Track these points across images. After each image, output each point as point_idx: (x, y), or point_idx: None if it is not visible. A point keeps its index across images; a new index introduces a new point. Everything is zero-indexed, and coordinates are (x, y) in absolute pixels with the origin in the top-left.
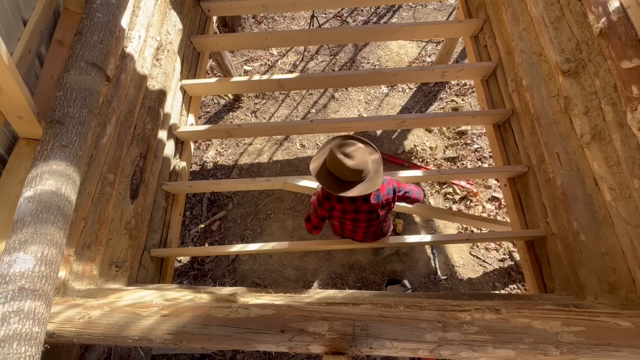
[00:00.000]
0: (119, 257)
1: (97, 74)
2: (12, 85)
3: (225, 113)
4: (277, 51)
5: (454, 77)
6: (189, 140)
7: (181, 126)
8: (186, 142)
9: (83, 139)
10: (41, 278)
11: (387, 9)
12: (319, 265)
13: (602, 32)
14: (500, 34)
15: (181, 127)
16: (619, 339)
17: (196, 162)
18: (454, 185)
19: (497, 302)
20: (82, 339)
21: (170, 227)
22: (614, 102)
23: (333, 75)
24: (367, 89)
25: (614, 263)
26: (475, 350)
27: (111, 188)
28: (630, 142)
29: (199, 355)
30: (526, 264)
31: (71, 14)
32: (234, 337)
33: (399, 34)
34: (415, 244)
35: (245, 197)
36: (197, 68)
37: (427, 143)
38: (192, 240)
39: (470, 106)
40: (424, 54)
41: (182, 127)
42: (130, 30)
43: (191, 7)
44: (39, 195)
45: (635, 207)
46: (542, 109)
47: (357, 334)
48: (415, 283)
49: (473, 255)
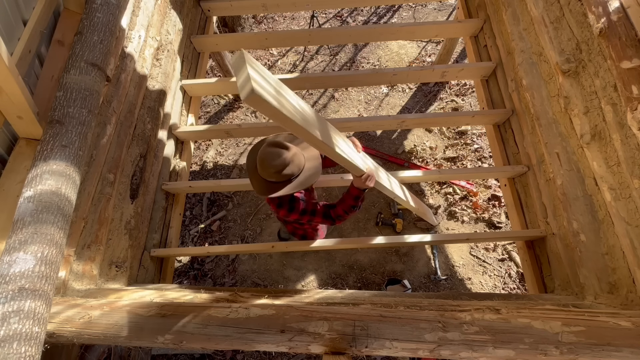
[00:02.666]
0: (119, 257)
1: (97, 74)
2: (12, 85)
3: (225, 113)
4: (277, 51)
5: (454, 77)
6: (189, 140)
7: (181, 126)
8: (186, 142)
9: (83, 139)
10: (41, 278)
11: (387, 9)
12: (319, 265)
13: (602, 32)
14: (500, 34)
15: (181, 127)
16: (619, 339)
17: (196, 162)
18: (454, 185)
19: (497, 302)
20: (82, 339)
21: (170, 227)
22: (614, 102)
23: (333, 75)
24: (367, 89)
25: (614, 263)
26: (475, 350)
27: (111, 188)
28: (630, 142)
29: (199, 355)
30: (526, 264)
31: (71, 14)
32: (234, 337)
33: (399, 34)
34: (415, 244)
35: (245, 197)
36: (197, 68)
37: (427, 143)
38: (192, 240)
39: (470, 106)
40: (424, 54)
41: (182, 127)
42: (130, 30)
43: (191, 7)
44: (39, 195)
45: (635, 207)
46: (542, 109)
47: (357, 334)
48: (415, 283)
49: (473, 255)
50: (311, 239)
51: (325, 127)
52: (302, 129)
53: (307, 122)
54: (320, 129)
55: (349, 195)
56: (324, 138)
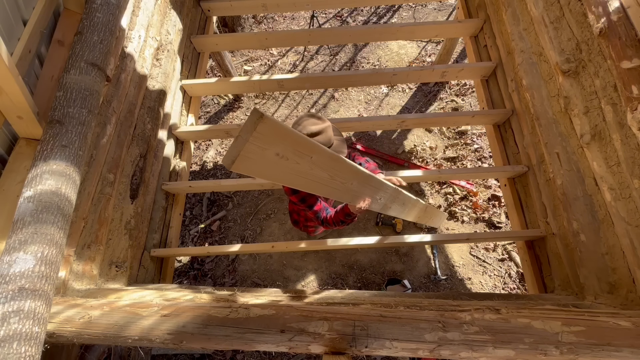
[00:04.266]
0: (119, 257)
1: (97, 74)
2: (12, 85)
3: (225, 113)
4: (277, 51)
5: (454, 77)
6: (189, 140)
7: (181, 126)
8: (186, 142)
9: (83, 139)
10: (41, 278)
11: (387, 9)
12: (319, 265)
13: (602, 32)
14: (500, 34)
15: (181, 127)
16: (619, 339)
17: (196, 162)
18: (454, 185)
19: (497, 302)
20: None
21: (170, 227)
22: (614, 102)
23: (333, 75)
24: (367, 89)
25: (614, 263)
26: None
27: (111, 188)
28: (630, 142)
29: (199, 355)
30: (526, 264)
31: (71, 14)
32: (234, 337)
33: (399, 34)
34: (415, 244)
35: (245, 197)
36: (197, 68)
37: (427, 143)
38: (192, 240)
39: (470, 106)
40: (424, 54)
41: (182, 127)
42: (130, 30)
43: (191, 7)
44: (39, 195)
45: (635, 207)
46: (542, 109)
47: (357, 334)
48: (415, 283)
49: (473, 255)
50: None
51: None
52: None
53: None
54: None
55: (342, 211)
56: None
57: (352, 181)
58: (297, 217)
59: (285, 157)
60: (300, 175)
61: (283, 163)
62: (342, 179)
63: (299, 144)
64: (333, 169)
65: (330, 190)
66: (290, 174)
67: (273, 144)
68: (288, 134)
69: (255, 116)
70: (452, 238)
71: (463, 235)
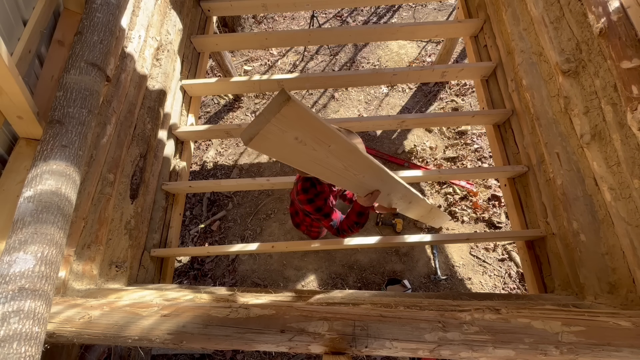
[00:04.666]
0: (119, 257)
1: (97, 74)
2: (12, 85)
3: (225, 113)
4: (277, 51)
5: (454, 77)
6: (189, 140)
7: (181, 126)
8: (186, 142)
9: (83, 139)
10: (41, 278)
11: (387, 9)
12: (319, 265)
13: (602, 32)
14: (500, 34)
15: (181, 127)
16: (619, 339)
17: (196, 162)
18: (454, 185)
19: (497, 302)
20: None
21: (170, 227)
22: (614, 102)
23: (333, 75)
24: (367, 89)
25: (614, 263)
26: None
27: (111, 188)
28: (630, 142)
29: (199, 355)
30: (526, 264)
31: (71, 14)
32: (234, 337)
33: (399, 34)
34: (415, 244)
35: (245, 197)
36: (197, 68)
37: (427, 143)
38: (192, 240)
39: (470, 106)
40: (424, 54)
41: (182, 127)
42: (130, 30)
43: (191, 7)
44: (39, 195)
45: (635, 207)
46: (542, 109)
47: (357, 334)
48: (415, 283)
49: (473, 255)
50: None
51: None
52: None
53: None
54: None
55: (352, 211)
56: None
57: (365, 174)
58: (299, 221)
59: (304, 143)
60: (315, 161)
61: (300, 148)
62: (355, 171)
63: (320, 132)
64: (349, 160)
65: (341, 180)
66: (305, 159)
67: (294, 128)
68: (312, 121)
69: (282, 98)
70: (452, 238)
71: (463, 235)
